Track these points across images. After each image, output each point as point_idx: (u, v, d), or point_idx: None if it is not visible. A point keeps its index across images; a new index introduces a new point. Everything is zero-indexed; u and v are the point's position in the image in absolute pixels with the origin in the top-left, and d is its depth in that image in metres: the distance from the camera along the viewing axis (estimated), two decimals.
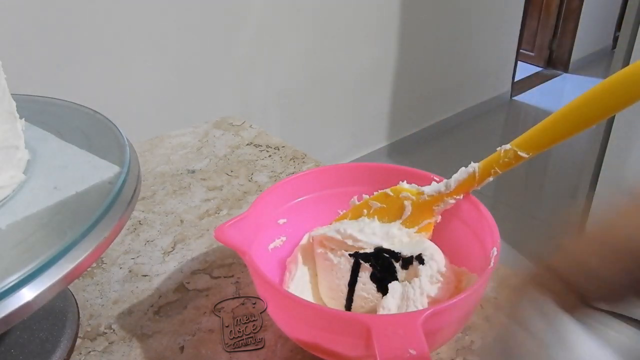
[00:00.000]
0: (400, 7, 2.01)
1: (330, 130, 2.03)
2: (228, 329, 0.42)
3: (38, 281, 0.28)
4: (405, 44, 2.10)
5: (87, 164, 0.38)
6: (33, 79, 1.25)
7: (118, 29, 1.36)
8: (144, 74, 1.45)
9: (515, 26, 2.61)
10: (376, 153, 2.21)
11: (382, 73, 2.10)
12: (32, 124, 0.43)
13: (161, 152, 0.70)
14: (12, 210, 0.33)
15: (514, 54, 2.69)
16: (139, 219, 0.57)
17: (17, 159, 0.37)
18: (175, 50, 1.49)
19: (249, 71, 1.68)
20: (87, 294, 0.47)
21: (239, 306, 0.44)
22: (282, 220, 0.45)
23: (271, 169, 0.66)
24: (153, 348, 0.41)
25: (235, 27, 1.59)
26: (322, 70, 1.88)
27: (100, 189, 0.36)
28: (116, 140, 0.42)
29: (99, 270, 0.50)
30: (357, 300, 0.41)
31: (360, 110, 2.10)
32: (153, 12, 1.40)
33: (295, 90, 1.84)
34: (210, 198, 0.60)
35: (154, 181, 0.64)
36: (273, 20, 1.67)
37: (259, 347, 0.41)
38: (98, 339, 0.42)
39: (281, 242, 0.46)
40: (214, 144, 0.72)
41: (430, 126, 2.41)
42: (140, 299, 0.46)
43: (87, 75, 1.34)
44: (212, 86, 1.61)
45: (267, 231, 0.44)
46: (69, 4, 1.26)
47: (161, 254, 0.52)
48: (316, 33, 1.80)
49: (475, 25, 2.39)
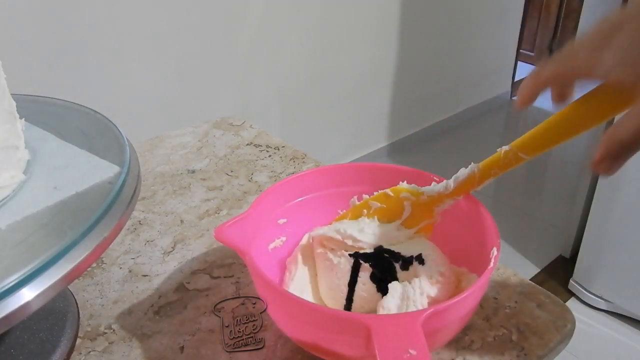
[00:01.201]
0: (400, 7, 2.01)
1: (330, 130, 2.03)
2: (228, 329, 0.42)
3: (38, 281, 0.28)
4: (405, 44, 2.10)
5: (87, 164, 0.38)
6: (33, 79, 1.25)
7: (118, 29, 1.36)
8: (144, 74, 1.45)
9: (515, 26, 2.61)
10: (376, 153, 2.21)
11: (382, 73, 2.10)
12: (32, 124, 0.43)
13: (161, 152, 0.70)
14: (12, 210, 0.33)
15: (514, 54, 2.69)
16: (139, 219, 0.57)
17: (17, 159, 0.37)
18: (175, 50, 1.49)
19: (249, 71, 1.68)
20: (87, 294, 0.47)
21: (239, 306, 0.44)
22: (282, 220, 0.45)
23: (271, 169, 0.66)
24: (153, 348, 0.41)
25: (235, 27, 1.59)
26: (322, 70, 1.88)
27: (100, 189, 0.36)
28: (116, 140, 0.42)
29: (99, 270, 0.50)
30: (357, 300, 0.41)
31: (360, 110, 2.10)
32: (153, 12, 1.40)
33: (295, 90, 1.83)
34: (210, 198, 0.60)
35: (154, 181, 0.64)
36: (273, 20, 1.67)
37: (259, 347, 0.41)
38: (98, 339, 0.42)
39: (281, 242, 0.45)
40: (214, 144, 0.72)
41: (430, 126, 2.41)
42: (140, 299, 0.46)
43: (87, 75, 1.34)
44: (212, 86, 1.61)
45: (267, 231, 0.44)
46: (69, 4, 1.25)
47: (161, 254, 0.52)
48: (316, 33, 1.80)
49: (475, 25, 2.39)
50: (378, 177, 0.46)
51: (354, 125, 2.11)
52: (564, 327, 0.43)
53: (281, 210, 0.45)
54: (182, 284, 0.48)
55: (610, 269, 1.41)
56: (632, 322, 1.43)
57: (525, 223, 1.87)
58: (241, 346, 0.41)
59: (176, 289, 0.47)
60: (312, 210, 0.46)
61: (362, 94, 2.06)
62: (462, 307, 0.34)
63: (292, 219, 0.46)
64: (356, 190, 0.46)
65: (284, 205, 0.45)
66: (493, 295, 0.46)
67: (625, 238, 1.35)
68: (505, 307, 0.45)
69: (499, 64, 2.65)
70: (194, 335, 0.42)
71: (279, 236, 0.45)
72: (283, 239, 0.45)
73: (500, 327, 0.43)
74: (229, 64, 1.62)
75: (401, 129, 2.29)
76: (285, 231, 0.46)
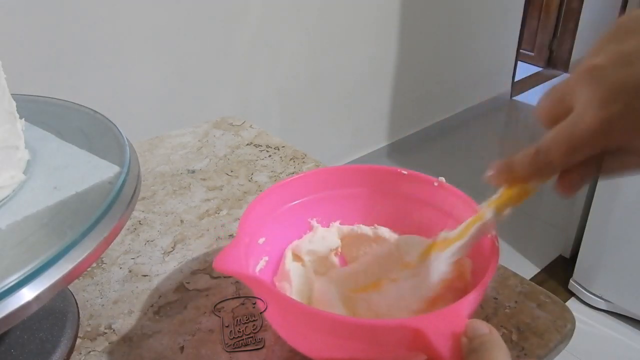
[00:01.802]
0: (400, 7, 2.01)
1: (330, 130, 2.03)
2: (228, 329, 0.42)
3: (38, 281, 0.28)
4: (405, 44, 2.10)
5: (87, 164, 0.38)
6: (33, 79, 1.25)
7: (118, 28, 1.36)
8: (144, 74, 1.45)
9: (515, 26, 2.61)
10: (376, 153, 2.21)
11: (382, 73, 2.10)
12: (32, 124, 0.43)
13: (161, 152, 0.70)
14: (12, 210, 0.33)
15: (514, 54, 2.69)
16: (139, 219, 0.57)
17: (17, 159, 0.37)
18: (175, 50, 1.49)
19: (249, 71, 1.68)
20: (87, 294, 0.47)
21: (239, 306, 0.44)
22: (261, 240, 0.43)
23: (271, 169, 0.66)
24: (153, 348, 0.41)
25: (235, 27, 1.59)
26: (322, 70, 1.88)
27: (100, 189, 0.36)
28: (116, 140, 0.42)
29: (99, 270, 0.50)
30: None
31: (360, 110, 2.09)
32: (153, 12, 1.40)
33: (295, 90, 1.83)
34: (210, 198, 0.60)
35: (154, 181, 0.64)
36: (273, 20, 1.67)
37: (259, 347, 0.41)
38: (98, 339, 0.42)
39: (264, 262, 0.44)
40: (214, 144, 0.72)
41: (430, 126, 2.41)
42: (140, 299, 0.46)
43: (87, 75, 1.34)
44: (212, 86, 1.61)
45: (253, 254, 0.42)
46: (69, 4, 1.25)
47: (161, 254, 0.52)
48: (316, 33, 1.80)
49: (475, 25, 2.39)
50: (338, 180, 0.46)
51: (354, 125, 2.11)
52: (564, 327, 0.43)
53: (260, 229, 0.43)
54: (182, 284, 0.48)
55: (610, 269, 1.41)
56: (632, 322, 1.43)
57: (525, 223, 1.87)
58: (241, 346, 0.41)
59: (176, 289, 0.47)
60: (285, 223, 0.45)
61: (362, 94, 2.06)
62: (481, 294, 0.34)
63: (269, 237, 0.44)
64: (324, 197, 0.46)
65: (261, 224, 0.43)
66: (493, 295, 0.46)
67: (625, 238, 1.35)
68: (505, 307, 0.45)
69: (499, 64, 2.65)
70: (194, 335, 0.42)
71: (262, 257, 0.43)
72: (266, 259, 0.44)
73: (500, 327, 0.43)
74: (229, 64, 1.62)
75: (401, 129, 2.29)
76: (265, 251, 0.44)
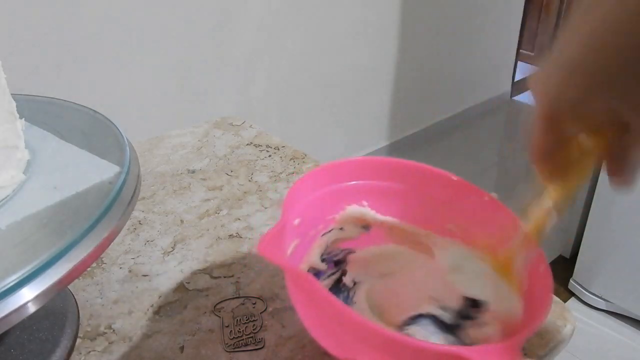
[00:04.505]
0: (400, 7, 2.01)
1: (330, 130, 2.03)
2: (228, 329, 0.42)
3: (38, 281, 0.28)
4: (405, 43, 2.10)
5: (87, 164, 0.38)
6: (33, 79, 1.25)
7: (118, 29, 1.36)
8: (144, 74, 1.45)
9: (515, 26, 2.61)
10: (376, 153, 2.21)
11: (382, 73, 2.10)
12: (32, 124, 0.43)
13: (161, 152, 0.70)
14: (12, 210, 0.33)
15: (514, 54, 2.69)
16: (139, 219, 0.57)
17: (17, 159, 0.37)
18: (175, 50, 1.49)
19: (249, 71, 1.68)
20: (87, 294, 0.47)
21: (239, 306, 0.45)
22: (297, 221, 0.40)
23: (271, 169, 0.66)
24: (153, 348, 0.41)
25: (235, 27, 1.59)
26: (322, 70, 1.88)
27: (100, 189, 0.36)
28: (116, 140, 0.42)
29: (99, 270, 0.50)
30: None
31: (360, 110, 2.09)
32: (153, 12, 1.40)
33: (295, 90, 1.83)
34: (210, 198, 0.60)
35: (154, 181, 0.64)
36: (273, 20, 1.67)
37: (259, 347, 0.41)
38: (98, 339, 0.42)
39: (294, 247, 0.41)
40: (214, 144, 0.72)
41: (430, 126, 2.40)
42: (140, 299, 0.46)
43: (87, 75, 1.34)
44: (212, 86, 1.61)
45: (287, 236, 0.39)
46: (69, 4, 1.25)
47: (161, 254, 0.52)
48: (316, 33, 1.80)
49: (475, 25, 2.39)
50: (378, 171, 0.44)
51: (354, 125, 2.11)
52: (564, 327, 0.43)
53: (297, 211, 0.40)
54: (182, 284, 0.48)
55: (610, 269, 1.41)
56: (632, 322, 1.43)
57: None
58: (241, 346, 0.41)
59: (176, 289, 0.47)
60: (319, 205, 0.42)
61: (362, 94, 2.06)
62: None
63: (304, 219, 0.41)
64: (367, 185, 0.44)
65: (300, 205, 0.40)
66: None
67: (625, 238, 1.35)
68: None
69: (499, 64, 2.65)
70: (194, 335, 0.42)
71: (293, 239, 0.40)
72: (296, 242, 0.41)
73: None
74: (229, 64, 1.62)
75: (401, 129, 2.29)
76: (298, 232, 0.41)
